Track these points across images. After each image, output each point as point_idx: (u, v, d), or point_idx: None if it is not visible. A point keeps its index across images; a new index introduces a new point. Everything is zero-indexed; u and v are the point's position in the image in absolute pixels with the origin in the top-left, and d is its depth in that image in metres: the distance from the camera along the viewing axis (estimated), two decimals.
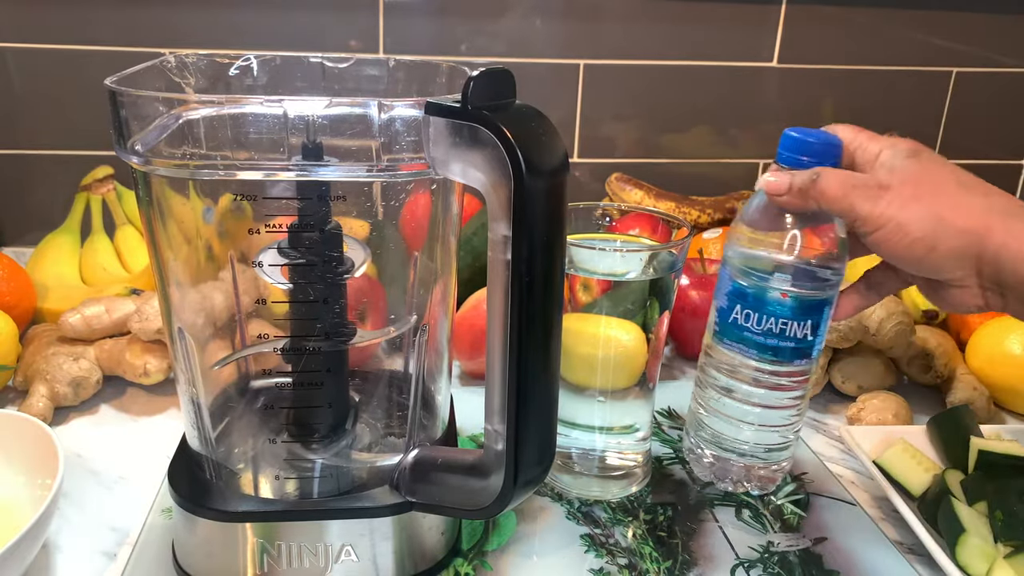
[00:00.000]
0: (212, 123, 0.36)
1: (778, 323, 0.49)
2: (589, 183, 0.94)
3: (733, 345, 0.51)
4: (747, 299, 0.49)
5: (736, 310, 0.50)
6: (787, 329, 0.49)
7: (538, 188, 0.35)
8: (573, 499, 0.53)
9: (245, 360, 0.48)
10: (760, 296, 0.49)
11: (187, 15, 0.83)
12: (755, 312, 0.49)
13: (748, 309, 0.50)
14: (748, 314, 0.50)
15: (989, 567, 0.45)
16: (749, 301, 0.49)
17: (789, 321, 0.49)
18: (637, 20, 0.88)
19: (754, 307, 0.49)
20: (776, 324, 0.49)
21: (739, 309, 0.50)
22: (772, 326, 0.49)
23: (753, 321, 0.49)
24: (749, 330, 0.50)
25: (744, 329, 0.50)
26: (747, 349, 0.50)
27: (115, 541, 0.48)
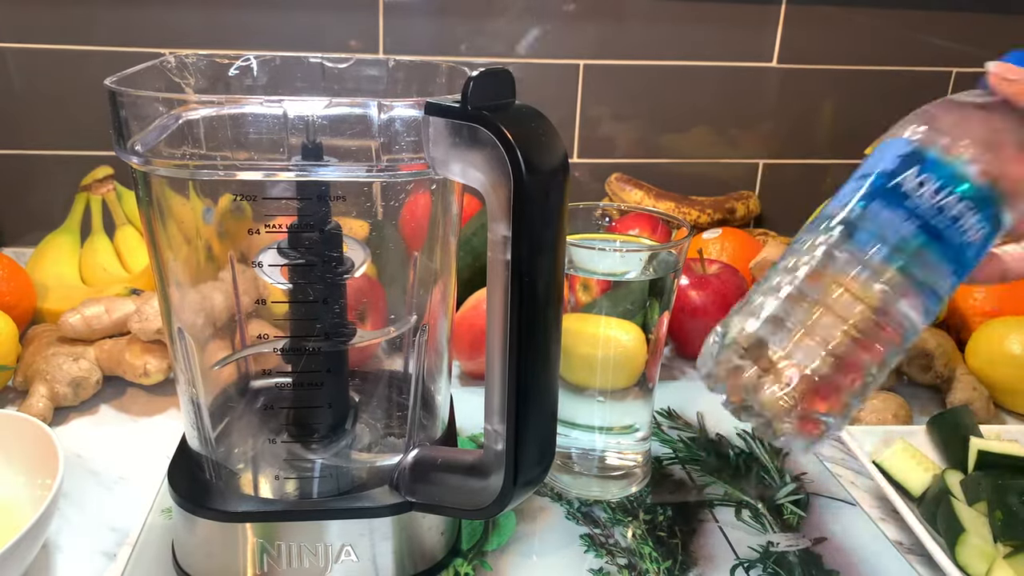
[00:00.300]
0: (212, 123, 0.36)
1: (960, 202, 0.39)
2: (589, 183, 0.94)
3: (882, 212, 0.40)
4: (929, 164, 0.40)
5: (909, 172, 0.40)
6: (964, 220, 0.39)
7: (538, 188, 0.35)
8: (573, 499, 0.53)
9: (245, 360, 0.48)
10: (951, 168, 0.39)
11: (187, 15, 0.83)
12: (936, 180, 0.39)
13: (927, 175, 0.39)
14: (924, 180, 0.39)
15: (989, 567, 0.45)
16: (931, 168, 0.40)
17: (974, 207, 0.39)
18: (637, 20, 0.88)
19: (937, 176, 0.39)
20: (957, 203, 0.39)
21: (914, 172, 0.40)
22: (952, 203, 0.39)
23: (929, 188, 0.39)
24: (916, 194, 0.39)
25: (909, 192, 0.39)
26: (904, 222, 0.39)
27: (115, 541, 0.48)
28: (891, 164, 0.41)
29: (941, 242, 0.40)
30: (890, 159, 0.42)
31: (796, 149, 0.96)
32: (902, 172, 0.41)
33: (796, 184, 0.98)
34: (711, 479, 0.56)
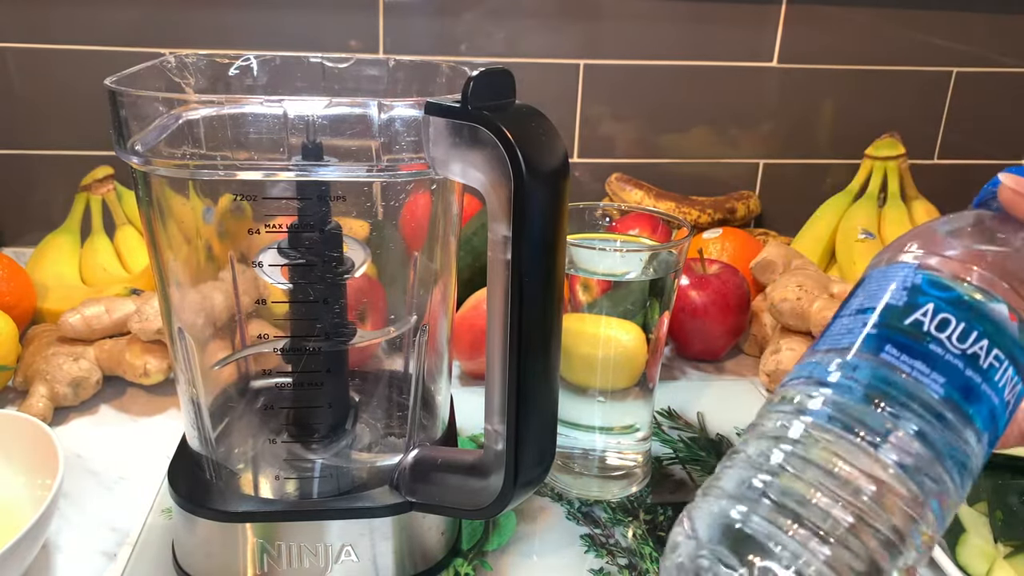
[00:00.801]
0: (212, 123, 0.36)
1: (990, 351, 0.31)
2: (589, 183, 0.94)
3: (902, 358, 0.31)
4: (949, 300, 0.32)
5: (925, 310, 0.32)
6: (998, 371, 0.31)
7: (538, 188, 0.35)
8: (573, 499, 0.53)
9: (245, 360, 0.48)
10: (975, 306, 0.32)
11: (187, 15, 0.83)
12: (960, 321, 0.32)
13: (948, 314, 0.32)
14: (947, 320, 0.32)
15: (989, 567, 0.45)
16: (952, 304, 0.32)
17: (1005, 359, 0.32)
18: (637, 20, 0.88)
19: (961, 314, 0.32)
20: (987, 352, 0.31)
21: (931, 309, 0.32)
22: (980, 351, 0.31)
23: (955, 332, 0.31)
24: (942, 343, 0.31)
25: (932, 339, 0.31)
26: (928, 372, 0.31)
27: (115, 541, 0.48)
28: (898, 297, 0.33)
29: (971, 400, 0.31)
30: (896, 291, 0.33)
31: (796, 149, 0.96)
32: (915, 309, 0.32)
33: (796, 184, 0.98)
34: None
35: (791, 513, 0.29)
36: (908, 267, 0.34)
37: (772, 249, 0.74)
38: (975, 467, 0.31)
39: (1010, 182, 0.35)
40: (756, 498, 0.30)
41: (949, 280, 0.33)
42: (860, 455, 0.29)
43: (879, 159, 0.89)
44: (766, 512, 0.29)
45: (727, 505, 0.30)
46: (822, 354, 0.33)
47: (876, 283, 0.34)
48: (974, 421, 0.31)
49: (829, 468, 0.29)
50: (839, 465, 0.29)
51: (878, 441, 0.30)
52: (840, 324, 0.34)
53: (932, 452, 0.30)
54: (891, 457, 0.29)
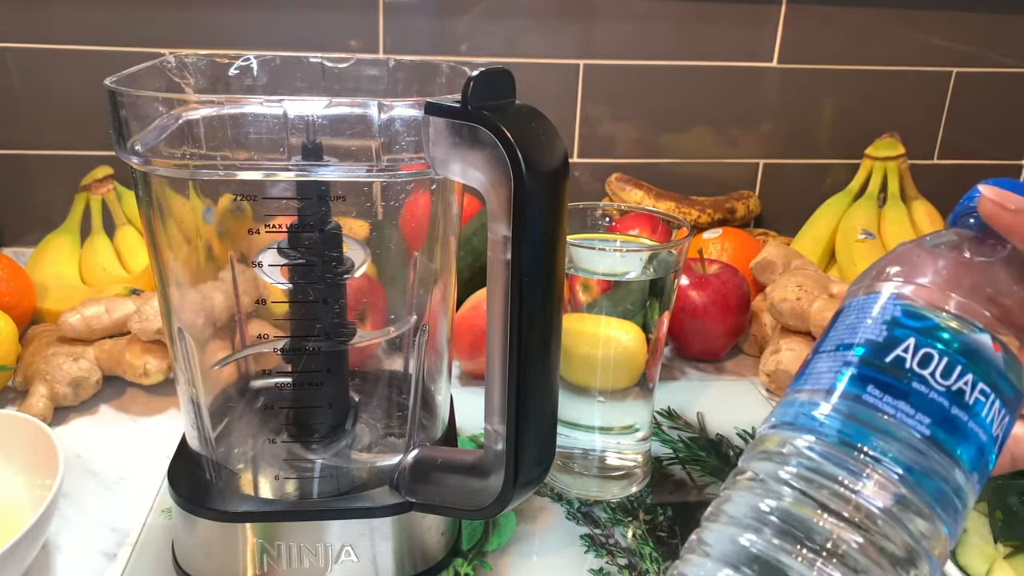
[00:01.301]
0: (212, 123, 0.36)
1: (975, 386, 0.30)
2: (589, 183, 0.94)
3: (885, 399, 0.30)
4: (930, 333, 0.31)
5: (906, 345, 0.31)
6: (984, 405, 0.30)
7: (538, 188, 0.35)
8: (573, 499, 0.53)
9: (245, 360, 0.48)
10: (958, 338, 0.31)
11: (187, 15, 0.83)
12: (943, 355, 0.30)
13: (930, 348, 0.30)
14: (929, 355, 0.30)
15: (989, 567, 0.45)
16: (934, 337, 0.31)
17: (991, 393, 0.30)
18: (637, 20, 0.88)
19: (943, 348, 0.30)
20: (972, 387, 0.30)
21: (913, 344, 0.31)
22: (965, 386, 0.30)
23: (938, 368, 0.30)
24: (925, 380, 0.30)
25: (915, 377, 0.30)
26: (913, 412, 0.30)
27: (115, 541, 0.48)
28: (877, 332, 0.32)
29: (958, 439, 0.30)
30: (875, 325, 0.32)
31: (796, 149, 0.96)
32: (896, 344, 0.31)
33: (796, 184, 0.98)
34: (711, 479, 0.56)
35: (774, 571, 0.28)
36: (886, 298, 0.32)
37: (772, 249, 0.74)
38: (966, 506, 0.30)
39: (990, 194, 0.34)
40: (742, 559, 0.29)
41: (928, 311, 0.31)
42: (844, 504, 0.28)
43: (879, 159, 0.89)
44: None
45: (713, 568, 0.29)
46: (806, 395, 0.32)
47: (855, 315, 0.33)
48: (961, 461, 0.30)
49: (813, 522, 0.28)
50: (823, 518, 0.28)
51: (862, 489, 0.29)
52: (821, 362, 0.33)
53: (918, 495, 0.29)
54: (876, 504, 0.28)
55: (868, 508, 0.28)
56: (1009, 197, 0.33)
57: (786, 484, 0.30)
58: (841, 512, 0.28)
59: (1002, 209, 0.33)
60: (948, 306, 0.31)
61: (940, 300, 0.31)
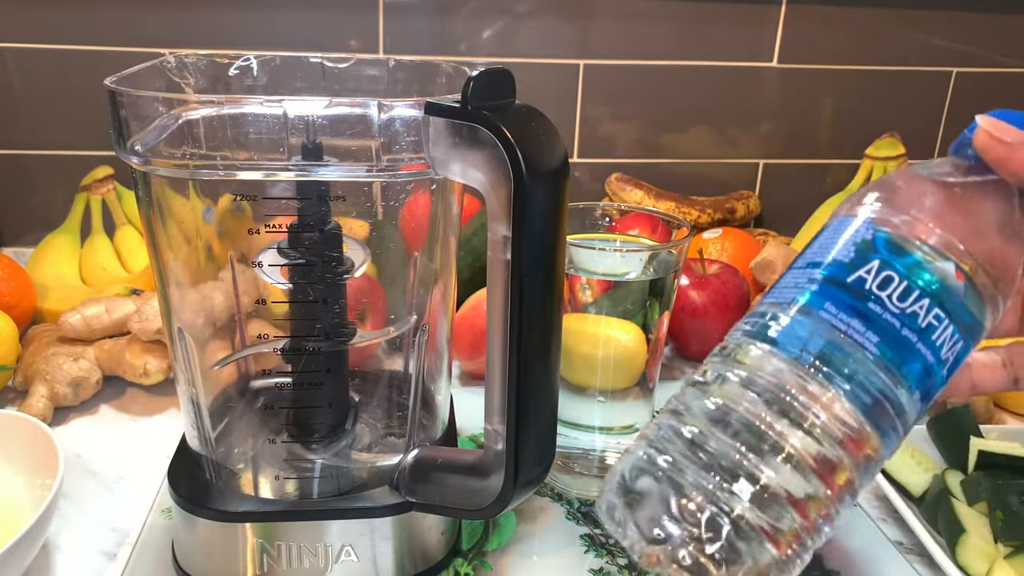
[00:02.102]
0: (212, 123, 0.36)
1: (930, 311, 0.31)
2: (589, 183, 0.94)
3: (841, 315, 0.31)
4: (896, 258, 0.32)
5: (869, 267, 0.32)
6: (937, 329, 0.31)
7: (538, 188, 0.35)
8: (573, 499, 0.53)
9: (245, 360, 0.48)
10: (921, 264, 0.32)
11: (187, 15, 0.83)
12: (903, 279, 0.31)
13: (892, 272, 0.31)
14: (889, 278, 0.31)
15: (989, 567, 0.45)
16: (898, 262, 0.32)
17: (946, 319, 0.32)
18: (637, 20, 0.88)
19: (905, 272, 0.31)
20: (927, 311, 0.31)
21: (876, 267, 0.32)
22: (920, 310, 0.31)
23: (896, 291, 0.31)
24: (882, 301, 0.31)
25: (871, 297, 0.31)
26: (864, 331, 0.31)
27: (115, 541, 0.48)
28: (845, 252, 0.33)
29: (908, 357, 0.31)
30: (845, 246, 0.33)
31: (796, 149, 0.96)
32: (860, 265, 0.32)
33: (796, 184, 0.98)
34: None
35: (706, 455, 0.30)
36: (862, 221, 0.33)
37: (772, 249, 0.74)
38: (907, 424, 0.32)
39: (987, 125, 0.32)
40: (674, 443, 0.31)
41: (899, 237, 0.32)
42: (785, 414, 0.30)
43: (879, 159, 0.89)
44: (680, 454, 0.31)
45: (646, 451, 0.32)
46: (766, 307, 0.33)
47: (830, 234, 0.34)
48: (907, 380, 0.31)
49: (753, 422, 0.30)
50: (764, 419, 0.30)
51: (805, 401, 0.30)
52: (789, 276, 0.34)
53: (861, 410, 0.31)
54: (819, 416, 0.30)
55: (805, 414, 0.30)
56: (1005, 129, 0.32)
57: (735, 383, 0.31)
58: (783, 412, 0.30)
59: (996, 141, 0.32)
60: (921, 235, 0.32)
61: (914, 229, 0.32)
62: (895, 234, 0.32)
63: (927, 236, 0.32)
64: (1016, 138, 0.32)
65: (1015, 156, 0.32)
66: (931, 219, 0.32)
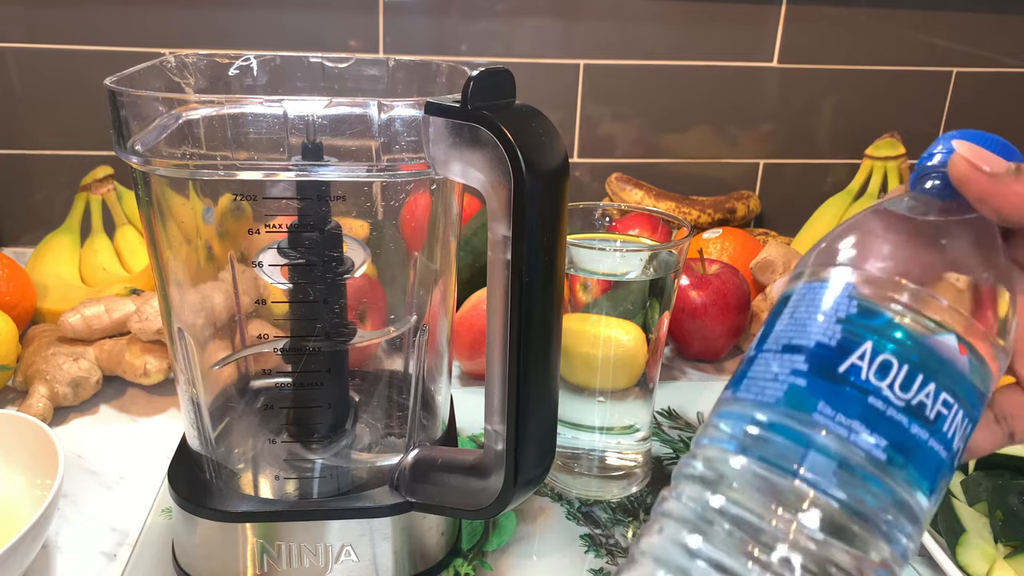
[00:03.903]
0: (212, 123, 0.36)
1: (938, 397, 0.27)
2: (589, 183, 0.94)
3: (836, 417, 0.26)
4: (890, 335, 0.27)
5: (862, 351, 0.27)
6: (947, 419, 0.27)
7: (538, 188, 0.35)
8: (573, 499, 0.53)
9: (245, 360, 0.48)
10: (921, 341, 0.27)
11: (187, 15, 0.83)
12: (903, 363, 0.26)
13: (889, 355, 0.27)
14: (887, 363, 0.26)
15: (989, 567, 0.45)
16: (894, 340, 0.27)
17: (954, 403, 0.27)
18: (637, 20, 0.88)
19: (904, 353, 0.27)
20: (935, 399, 0.27)
21: (869, 349, 0.27)
22: (927, 399, 0.26)
23: (897, 378, 0.26)
24: (879, 392, 0.26)
25: (870, 389, 0.26)
26: (867, 430, 0.26)
27: (115, 541, 0.48)
28: (829, 333, 0.27)
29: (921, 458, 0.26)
30: (827, 324, 0.27)
31: (796, 149, 0.96)
32: (851, 350, 0.27)
33: (796, 184, 0.98)
34: None
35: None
36: (841, 287, 0.28)
37: (772, 249, 0.74)
38: (920, 527, 0.27)
39: (965, 152, 0.27)
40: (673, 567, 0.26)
41: (884, 306, 0.27)
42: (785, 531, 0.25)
43: (879, 159, 0.89)
44: None
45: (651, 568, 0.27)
46: (746, 407, 0.28)
47: (804, 307, 0.29)
48: (921, 483, 0.26)
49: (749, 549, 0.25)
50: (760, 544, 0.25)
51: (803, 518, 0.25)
52: (765, 363, 0.28)
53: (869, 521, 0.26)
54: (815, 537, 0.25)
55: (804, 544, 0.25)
56: (985, 157, 0.27)
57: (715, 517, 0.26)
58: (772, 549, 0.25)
59: (976, 172, 0.27)
60: (915, 303, 0.27)
61: (896, 291, 0.27)
62: (880, 304, 0.27)
63: (922, 304, 0.27)
64: (999, 168, 0.27)
65: (1000, 191, 0.27)
66: (921, 277, 0.27)
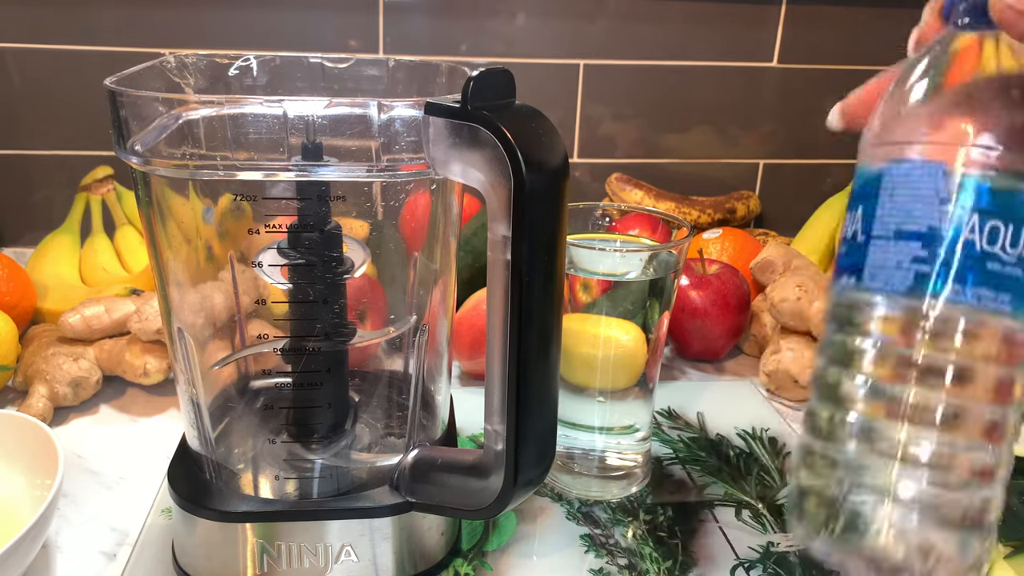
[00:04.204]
0: (212, 123, 0.36)
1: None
2: (589, 183, 0.94)
3: (966, 291, 0.29)
4: (990, 200, 0.29)
5: (971, 223, 0.29)
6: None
7: (538, 188, 0.35)
8: (573, 499, 0.53)
9: (245, 360, 0.48)
10: (1014, 196, 0.29)
11: (187, 15, 0.83)
12: (1009, 224, 0.29)
13: (996, 219, 0.29)
14: (997, 229, 0.29)
15: (990, 568, 0.45)
16: (995, 203, 0.29)
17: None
18: (637, 20, 0.88)
19: (1008, 216, 0.29)
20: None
21: (976, 221, 0.29)
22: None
23: (1006, 240, 0.29)
24: (997, 257, 0.29)
25: (992, 258, 0.29)
26: (996, 295, 0.29)
27: (115, 541, 0.48)
28: (936, 216, 0.30)
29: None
30: (929, 207, 0.30)
31: (796, 149, 0.96)
32: (960, 228, 0.29)
33: (796, 184, 0.98)
34: (711, 479, 0.56)
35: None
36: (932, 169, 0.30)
37: (772, 249, 0.74)
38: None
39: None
40: None
41: (978, 177, 0.29)
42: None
43: None
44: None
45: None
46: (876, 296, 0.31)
47: (905, 190, 0.31)
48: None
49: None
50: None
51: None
52: (881, 251, 0.31)
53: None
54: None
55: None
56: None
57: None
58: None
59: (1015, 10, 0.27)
60: (992, 160, 0.29)
61: (985, 158, 0.29)
62: (975, 174, 0.29)
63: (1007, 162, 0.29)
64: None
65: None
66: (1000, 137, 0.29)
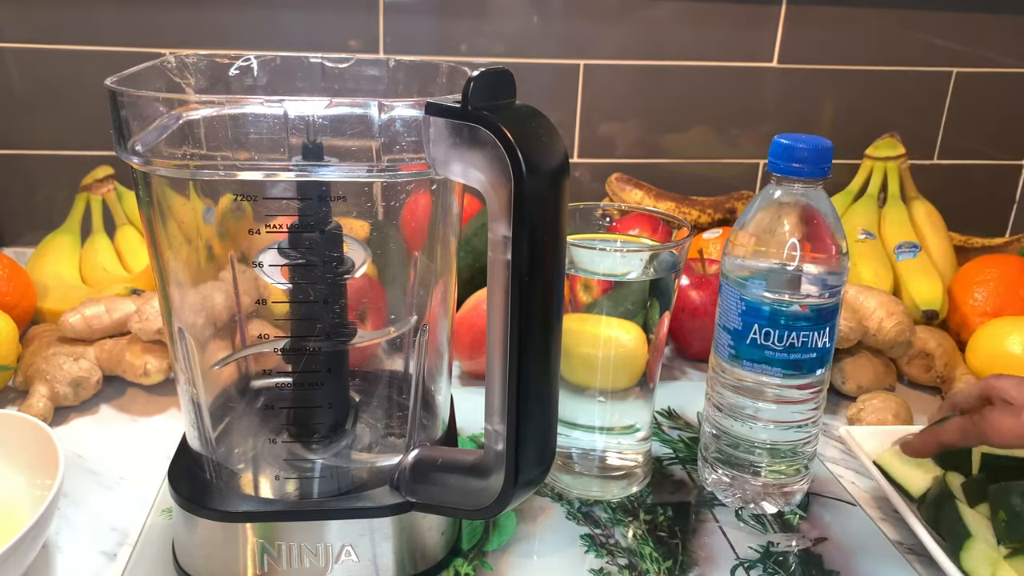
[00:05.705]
0: (212, 123, 0.36)
1: (799, 336, 0.48)
2: (589, 183, 0.94)
3: (754, 366, 0.50)
4: (764, 317, 0.49)
5: (754, 330, 0.49)
6: (808, 341, 0.49)
7: (538, 188, 0.35)
8: (573, 499, 0.53)
9: (245, 360, 0.48)
10: (778, 312, 0.48)
11: (187, 15, 0.83)
12: (775, 329, 0.48)
13: (767, 327, 0.49)
14: (768, 332, 0.49)
15: (993, 570, 0.45)
16: (766, 318, 0.49)
17: (810, 332, 0.49)
18: (637, 20, 0.88)
19: (772, 324, 0.49)
20: (798, 338, 0.49)
21: (757, 329, 0.49)
22: (795, 340, 0.49)
23: (774, 339, 0.49)
24: (770, 348, 0.49)
25: (765, 348, 0.49)
26: (770, 368, 0.49)
27: (115, 541, 0.48)
28: (735, 321, 0.50)
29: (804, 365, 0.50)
30: (733, 315, 0.50)
31: None
32: (748, 331, 0.50)
33: None
34: None
35: None
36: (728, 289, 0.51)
37: None
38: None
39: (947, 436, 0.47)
40: None
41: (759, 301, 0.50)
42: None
43: (879, 159, 0.88)
44: None
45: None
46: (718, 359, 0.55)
47: (724, 298, 0.52)
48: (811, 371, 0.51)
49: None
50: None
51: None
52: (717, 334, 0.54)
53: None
54: None
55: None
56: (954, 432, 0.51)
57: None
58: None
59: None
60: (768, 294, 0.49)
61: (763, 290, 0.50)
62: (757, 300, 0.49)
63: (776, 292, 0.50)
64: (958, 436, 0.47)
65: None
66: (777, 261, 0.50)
